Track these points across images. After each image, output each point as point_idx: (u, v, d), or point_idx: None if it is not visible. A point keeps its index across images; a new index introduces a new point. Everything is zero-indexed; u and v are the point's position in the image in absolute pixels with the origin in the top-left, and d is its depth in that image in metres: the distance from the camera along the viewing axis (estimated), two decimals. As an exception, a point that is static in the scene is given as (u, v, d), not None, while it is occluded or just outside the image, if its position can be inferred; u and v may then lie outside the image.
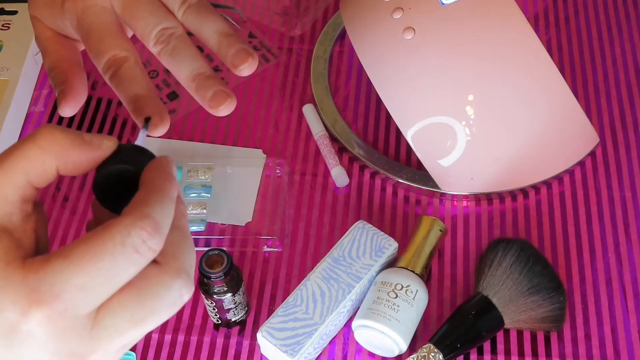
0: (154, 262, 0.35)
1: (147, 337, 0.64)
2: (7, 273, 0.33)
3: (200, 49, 0.82)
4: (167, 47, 0.46)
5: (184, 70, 0.46)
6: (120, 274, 0.34)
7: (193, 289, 0.36)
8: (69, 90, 0.47)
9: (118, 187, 0.38)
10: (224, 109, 0.45)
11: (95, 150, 0.38)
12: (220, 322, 0.63)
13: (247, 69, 0.46)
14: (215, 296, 0.59)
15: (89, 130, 0.77)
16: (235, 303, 0.60)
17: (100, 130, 0.77)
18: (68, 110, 0.47)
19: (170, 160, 0.38)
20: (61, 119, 0.78)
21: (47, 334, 0.33)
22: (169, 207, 0.36)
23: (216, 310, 0.61)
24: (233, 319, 0.62)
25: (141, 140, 0.41)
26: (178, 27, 0.47)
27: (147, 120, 0.43)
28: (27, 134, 0.77)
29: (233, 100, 0.45)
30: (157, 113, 0.44)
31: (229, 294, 0.59)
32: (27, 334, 0.33)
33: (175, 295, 0.35)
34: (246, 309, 0.63)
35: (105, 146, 0.38)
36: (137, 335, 0.35)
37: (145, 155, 0.39)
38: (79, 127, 0.77)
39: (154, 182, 0.37)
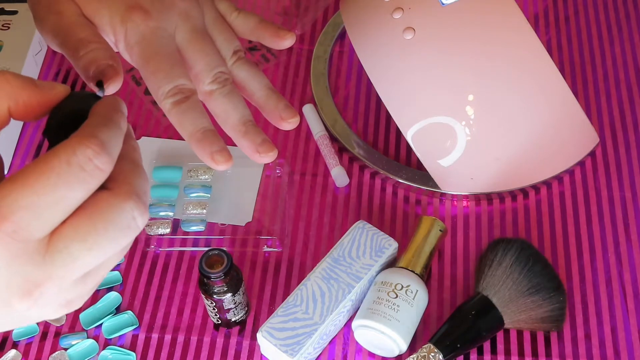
0: (104, 187, 0.35)
1: (147, 337, 0.64)
2: None
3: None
4: (223, 89, 0.49)
5: (237, 113, 0.49)
6: (68, 194, 0.33)
7: (147, 214, 0.36)
8: (118, 66, 0.45)
9: (70, 129, 0.36)
10: (269, 157, 0.49)
11: (46, 92, 0.38)
12: (220, 322, 0.63)
13: (292, 124, 0.51)
14: (215, 296, 0.59)
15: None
16: (235, 303, 0.60)
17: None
18: (115, 86, 0.45)
19: (120, 100, 0.38)
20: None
21: None
22: (115, 133, 0.36)
23: (216, 310, 0.61)
24: (233, 319, 0.62)
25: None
26: (230, 73, 0.51)
27: (99, 84, 0.43)
28: (27, 133, 0.77)
29: (276, 152, 0.49)
30: (222, 148, 0.46)
31: (229, 294, 0.59)
32: None
33: (127, 218, 0.35)
34: (246, 309, 0.63)
35: (57, 90, 0.38)
36: (92, 260, 0.34)
37: (98, 100, 0.39)
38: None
39: (102, 112, 0.37)
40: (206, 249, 0.68)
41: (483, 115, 0.65)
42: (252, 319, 0.64)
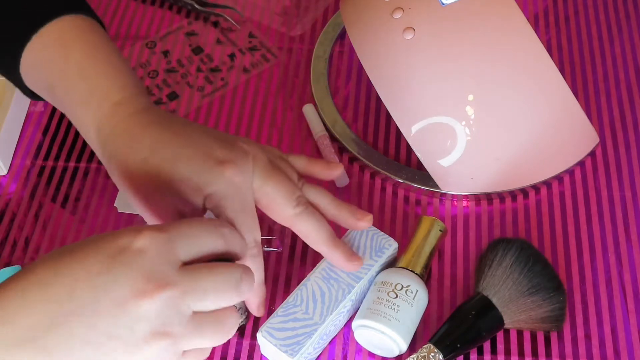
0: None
1: (147, 337, 0.64)
2: None
3: (200, 49, 0.82)
4: (308, 210, 0.57)
5: (326, 229, 0.58)
6: (208, 240, 0.45)
7: (252, 282, 0.47)
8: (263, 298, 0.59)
9: None
10: (355, 267, 0.60)
11: None
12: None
13: (368, 221, 0.60)
14: None
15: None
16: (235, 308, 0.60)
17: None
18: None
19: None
20: (60, 121, 0.78)
21: (151, 250, 0.41)
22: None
23: None
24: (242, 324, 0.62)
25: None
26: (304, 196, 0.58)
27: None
28: (27, 134, 0.77)
29: (359, 263, 0.61)
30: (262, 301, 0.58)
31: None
32: (137, 251, 0.41)
33: (235, 275, 0.45)
34: (246, 314, 0.62)
35: None
36: (209, 287, 0.43)
37: None
38: (76, 136, 0.77)
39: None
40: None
41: (483, 115, 0.65)
42: (252, 318, 0.64)
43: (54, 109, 0.79)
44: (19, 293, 0.40)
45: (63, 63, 0.56)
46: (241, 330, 0.64)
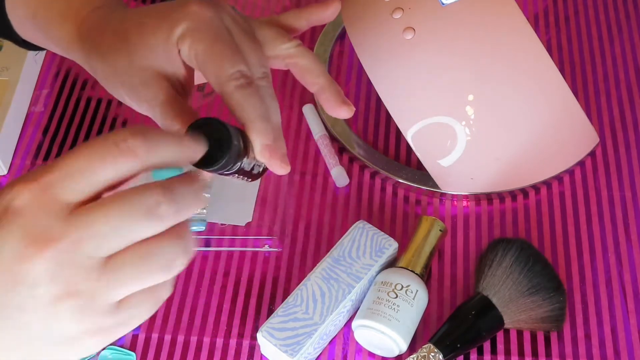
0: None
1: (147, 337, 0.64)
2: None
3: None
4: (269, 87, 0.49)
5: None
6: (99, 166, 0.36)
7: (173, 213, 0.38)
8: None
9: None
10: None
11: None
12: (250, 178, 0.56)
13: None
14: (235, 174, 0.51)
15: (89, 131, 0.77)
16: (253, 160, 0.51)
17: (100, 131, 0.77)
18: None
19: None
20: (60, 121, 0.78)
21: (28, 205, 0.36)
22: (166, 139, 0.39)
23: (242, 177, 0.52)
24: (258, 171, 0.54)
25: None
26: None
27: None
28: (27, 134, 0.77)
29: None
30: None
31: (244, 159, 0.49)
32: (14, 210, 0.36)
33: (150, 202, 0.37)
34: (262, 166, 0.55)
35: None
36: (108, 232, 0.36)
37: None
38: (79, 128, 0.77)
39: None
40: (206, 249, 0.68)
41: (483, 115, 0.65)
42: (252, 319, 0.64)
43: (54, 109, 0.79)
44: None
45: None
46: (241, 330, 0.64)
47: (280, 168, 0.48)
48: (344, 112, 0.53)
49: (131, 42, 0.49)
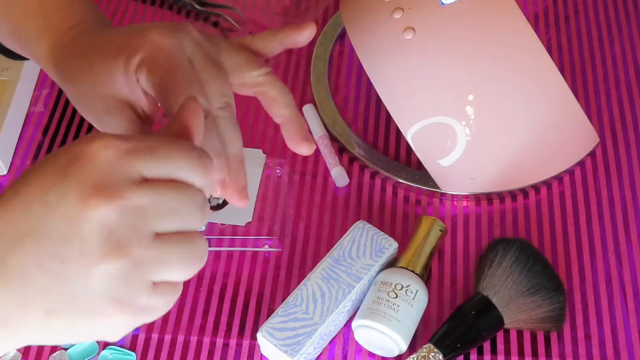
0: None
1: (147, 337, 0.64)
2: None
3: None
4: (232, 118, 0.49)
5: (240, 145, 0.49)
6: (176, 162, 0.39)
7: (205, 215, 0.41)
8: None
9: None
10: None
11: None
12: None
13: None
14: None
15: (89, 131, 0.77)
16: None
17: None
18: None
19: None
20: (60, 121, 0.78)
21: (104, 156, 0.37)
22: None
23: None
24: (217, 203, 0.55)
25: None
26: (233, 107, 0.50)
27: None
28: (27, 134, 0.77)
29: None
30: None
31: None
32: (88, 157, 0.37)
33: (200, 198, 0.40)
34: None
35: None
36: (155, 198, 0.37)
37: None
38: (79, 128, 0.77)
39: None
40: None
41: (483, 115, 0.65)
42: (252, 318, 0.64)
43: (54, 109, 0.79)
44: None
45: (23, 5, 0.54)
46: (241, 329, 0.64)
47: (237, 201, 0.50)
48: (304, 149, 0.53)
49: (94, 68, 0.48)
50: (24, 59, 0.60)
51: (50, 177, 0.36)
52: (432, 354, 0.59)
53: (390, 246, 0.63)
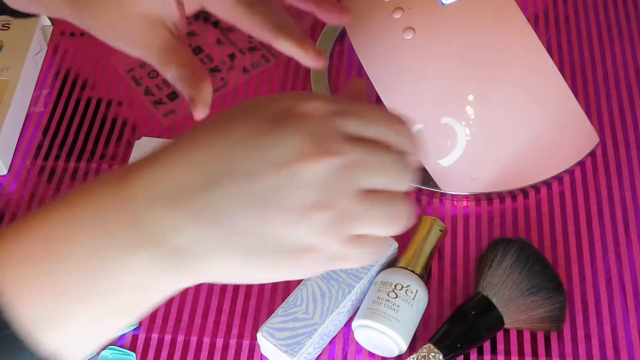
0: None
1: (147, 337, 0.64)
2: None
3: (200, 49, 0.82)
4: None
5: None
6: (386, 130, 0.40)
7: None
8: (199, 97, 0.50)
9: None
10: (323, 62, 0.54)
11: None
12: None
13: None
14: None
15: (89, 131, 0.77)
16: None
17: (100, 131, 0.77)
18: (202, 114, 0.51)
19: None
20: (60, 121, 0.78)
21: (321, 115, 0.38)
22: None
23: None
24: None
25: None
26: None
27: None
28: (27, 134, 0.77)
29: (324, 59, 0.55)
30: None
31: None
32: (304, 114, 0.38)
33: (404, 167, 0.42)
34: None
35: None
36: (365, 158, 0.38)
37: None
38: (79, 128, 0.77)
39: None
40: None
41: (483, 115, 0.65)
42: (252, 318, 0.64)
43: (54, 109, 0.79)
44: (177, 150, 0.37)
45: None
46: (241, 329, 0.64)
47: (315, 58, 0.52)
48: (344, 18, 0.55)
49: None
50: (29, 16, 0.59)
51: (257, 124, 0.37)
52: (432, 354, 0.59)
53: (391, 246, 0.63)
